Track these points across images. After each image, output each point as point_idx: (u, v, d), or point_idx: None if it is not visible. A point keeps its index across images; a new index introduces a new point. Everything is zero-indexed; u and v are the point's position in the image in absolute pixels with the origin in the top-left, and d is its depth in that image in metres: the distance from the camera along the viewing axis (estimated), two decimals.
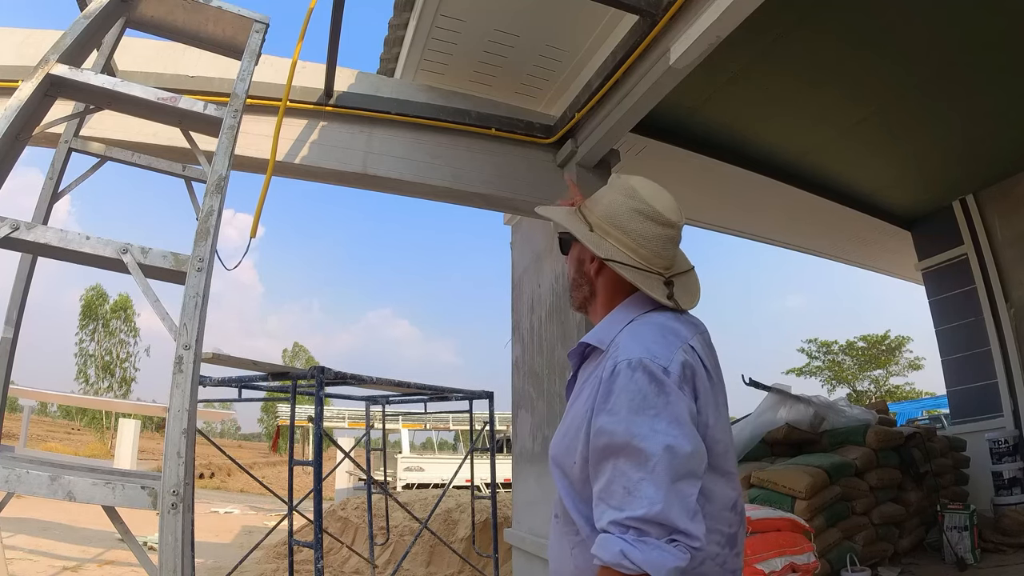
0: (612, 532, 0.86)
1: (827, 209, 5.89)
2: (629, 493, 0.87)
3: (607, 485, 0.90)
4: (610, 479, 0.90)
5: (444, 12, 3.55)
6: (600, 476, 0.92)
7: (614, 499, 0.88)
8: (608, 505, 0.89)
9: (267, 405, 36.22)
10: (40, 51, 1.74)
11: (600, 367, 1.02)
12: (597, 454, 0.93)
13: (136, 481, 1.33)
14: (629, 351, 0.96)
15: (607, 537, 0.87)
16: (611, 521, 0.87)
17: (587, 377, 1.07)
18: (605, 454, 0.91)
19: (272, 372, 4.71)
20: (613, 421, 0.91)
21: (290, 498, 4.96)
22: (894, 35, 3.73)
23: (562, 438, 1.06)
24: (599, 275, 1.17)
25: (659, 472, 0.86)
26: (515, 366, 4.83)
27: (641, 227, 1.10)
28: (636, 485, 0.87)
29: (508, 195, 3.90)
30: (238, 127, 1.81)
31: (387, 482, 9.70)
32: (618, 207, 1.13)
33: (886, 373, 25.83)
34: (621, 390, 0.92)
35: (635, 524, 0.85)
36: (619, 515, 0.86)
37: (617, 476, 0.89)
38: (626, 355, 0.95)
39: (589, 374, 1.07)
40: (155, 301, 1.46)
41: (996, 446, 5.15)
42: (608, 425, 0.92)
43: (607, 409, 0.93)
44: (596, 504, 0.92)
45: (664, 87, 3.17)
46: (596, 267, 1.17)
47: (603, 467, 0.92)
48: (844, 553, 3.68)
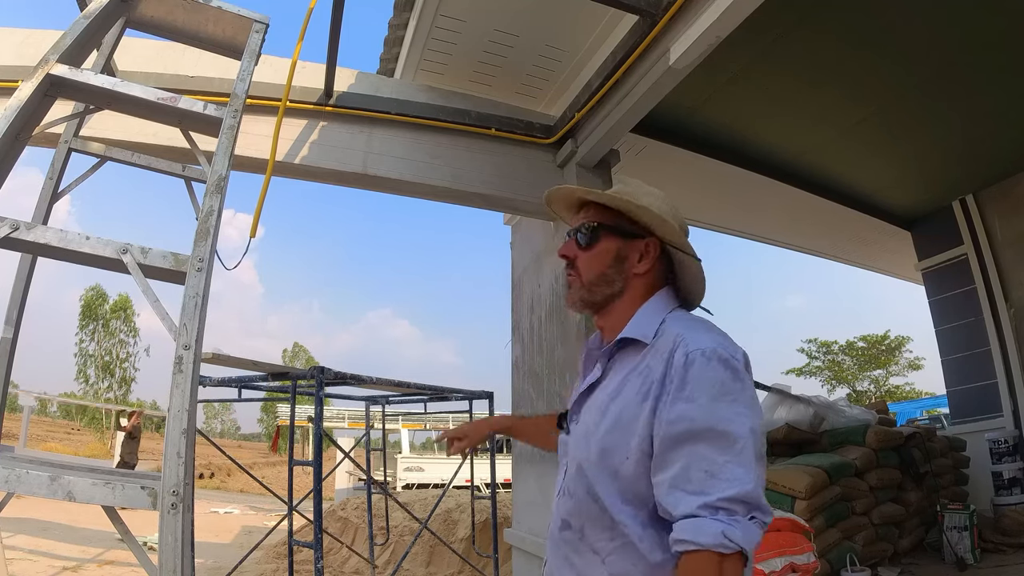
0: (703, 515, 0.86)
1: (827, 209, 5.89)
2: (713, 476, 0.88)
3: (683, 471, 0.90)
4: (686, 465, 0.90)
5: (444, 12, 3.55)
6: (673, 463, 0.91)
7: (692, 484, 0.89)
8: (685, 491, 0.89)
9: (267, 405, 36.22)
10: (40, 51, 1.74)
11: (649, 358, 1.01)
12: (671, 441, 0.92)
13: (136, 481, 1.33)
14: (699, 341, 0.96)
15: (701, 521, 0.86)
16: (701, 505, 0.87)
17: (629, 369, 1.03)
18: (681, 440, 0.91)
19: (272, 372, 4.70)
20: (693, 408, 0.91)
21: (290, 498, 4.96)
22: (894, 35, 3.73)
23: (606, 434, 1.00)
24: (645, 274, 1.12)
25: (746, 453, 0.89)
26: (515, 366, 4.83)
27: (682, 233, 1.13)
28: (721, 468, 0.88)
29: (508, 195, 3.90)
30: (238, 127, 1.81)
31: (387, 482, 9.70)
32: (667, 209, 1.13)
33: (886, 373, 25.84)
34: (698, 378, 0.93)
35: (725, 504, 0.86)
36: (708, 498, 0.87)
37: (696, 461, 0.89)
38: (697, 345, 0.95)
39: (632, 366, 1.03)
40: (155, 301, 1.46)
41: (996, 446, 5.15)
42: (688, 412, 0.92)
43: (684, 396, 0.93)
44: (668, 492, 0.91)
45: (664, 87, 3.17)
46: (645, 267, 1.12)
47: (677, 454, 0.91)
48: (844, 553, 3.68)
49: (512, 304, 5.03)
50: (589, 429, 1.04)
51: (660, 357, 0.99)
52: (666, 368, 0.96)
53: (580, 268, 1.14)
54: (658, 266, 1.13)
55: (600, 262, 1.12)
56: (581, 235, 1.14)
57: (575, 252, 1.15)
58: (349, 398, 7.21)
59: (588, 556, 1.00)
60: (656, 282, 1.13)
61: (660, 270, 1.14)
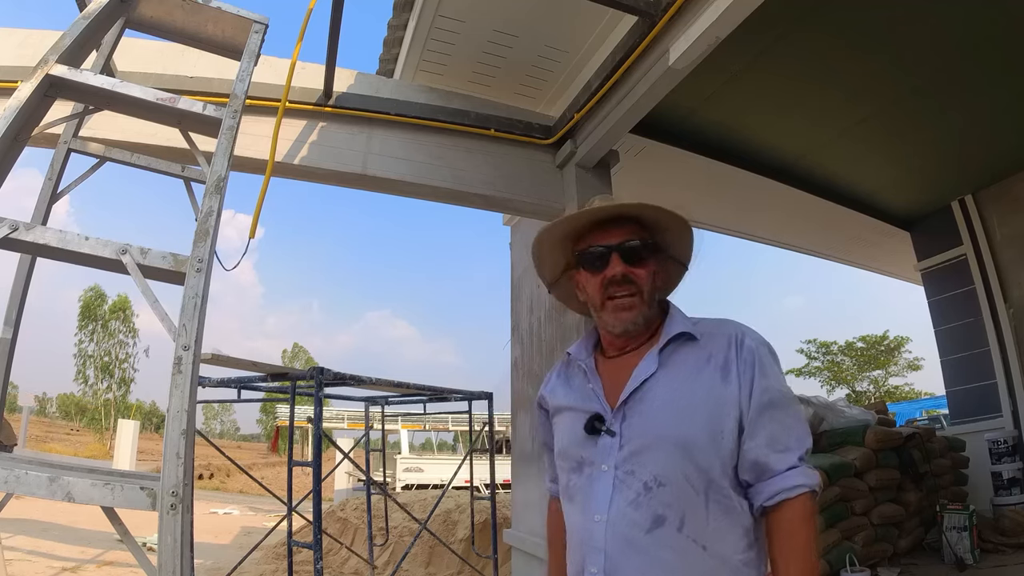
0: (801, 465, 1.07)
1: (826, 209, 5.89)
2: (794, 436, 1.09)
3: (775, 434, 1.08)
4: (776, 429, 1.08)
5: (443, 13, 3.55)
6: (764, 428, 1.08)
7: (782, 443, 1.08)
8: (777, 450, 1.07)
9: (266, 406, 36.23)
10: (39, 52, 1.74)
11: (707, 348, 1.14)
12: (760, 409, 1.08)
13: (135, 482, 1.33)
14: (753, 334, 1.16)
15: (802, 469, 1.07)
16: (799, 457, 1.08)
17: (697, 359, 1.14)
18: (767, 408, 1.09)
19: (271, 373, 4.70)
20: (772, 382, 1.11)
21: (289, 499, 4.96)
22: (894, 35, 3.74)
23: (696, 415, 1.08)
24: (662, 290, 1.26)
25: (802, 415, 1.15)
26: (514, 367, 4.83)
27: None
28: (796, 428, 1.10)
29: (507, 196, 3.90)
30: (237, 128, 1.81)
31: (386, 483, 9.69)
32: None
33: (885, 373, 25.84)
34: (766, 360, 1.12)
35: (806, 456, 1.09)
36: (799, 451, 1.08)
37: (781, 426, 1.09)
38: (755, 336, 1.15)
39: (698, 356, 1.14)
40: (154, 302, 1.46)
41: (995, 446, 5.15)
42: (772, 385, 1.10)
43: (764, 373, 1.11)
44: (766, 453, 1.07)
45: (663, 88, 3.17)
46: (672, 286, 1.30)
47: (768, 420, 1.08)
48: (843, 553, 3.68)
49: (511, 305, 5.03)
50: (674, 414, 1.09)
51: (724, 345, 1.13)
52: (737, 354, 1.12)
53: (642, 286, 1.16)
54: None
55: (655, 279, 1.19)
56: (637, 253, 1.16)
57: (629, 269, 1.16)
58: (348, 399, 7.21)
59: (687, 548, 1.03)
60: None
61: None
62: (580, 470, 1.14)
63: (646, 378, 1.11)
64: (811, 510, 1.06)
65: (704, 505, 1.04)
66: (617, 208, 1.17)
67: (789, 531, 1.04)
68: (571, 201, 3.92)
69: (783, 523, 1.05)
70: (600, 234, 1.18)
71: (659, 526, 1.02)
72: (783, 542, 1.04)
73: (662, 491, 1.03)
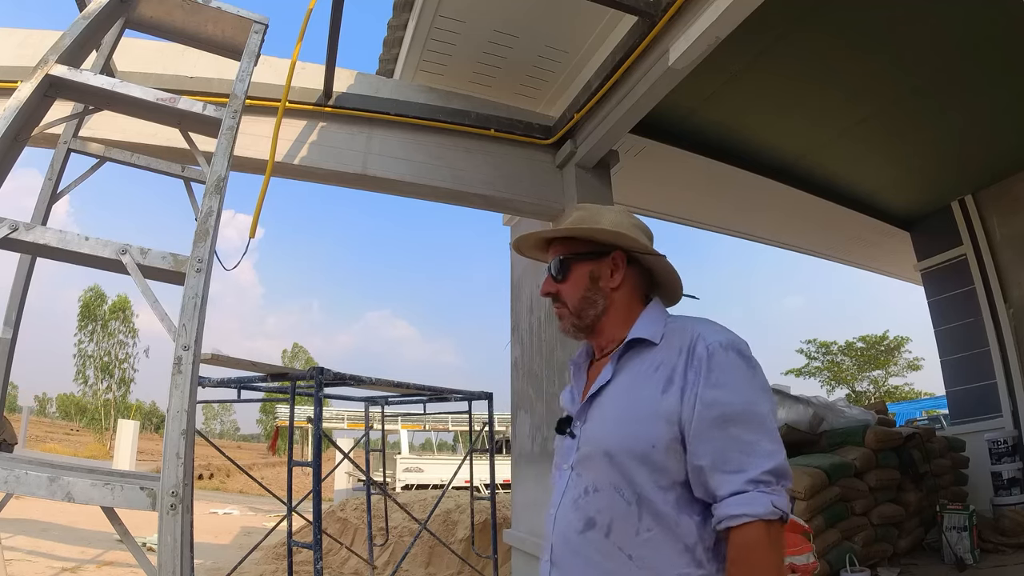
0: (749, 490, 0.95)
1: (826, 209, 5.89)
2: (748, 454, 0.97)
3: (722, 454, 0.98)
4: (723, 447, 0.98)
5: (443, 13, 3.55)
6: (710, 446, 0.99)
7: (732, 464, 0.97)
8: (726, 471, 0.97)
9: (266, 406, 36.23)
10: (39, 52, 1.74)
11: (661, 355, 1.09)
12: (706, 425, 0.99)
13: (135, 482, 1.33)
14: (715, 335, 1.06)
15: (750, 495, 0.95)
16: (747, 480, 0.95)
17: (644, 366, 1.10)
18: (716, 424, 0.99)
19: (271, 373, 4.70)
20: (724, 393, 1.00)
21: (289, 499, 4.96)
22: (894, 35, 3.74)
23: (629, 426, 1.05)
24: (620, 288, 1.21)
25: (771, 429, 1.00)
26: (514, 367, 4.82)
27: (644, 238, 1.22)
28: (753, 446, 0.98)
29: (507, 196, 3.90)
30: (237, 128, 1.80)
31: (386, 483, 9.69)
32: (624, 221, 1.23)
33: (885, 374, 25.83)
34: (722, 367, 1.02)
35: (764, 477, 0.96)
36: (750, 474, 0.96)
37: (731, 443, 0.98)
38: (714, 338, 1.05)
39: (647, 363, 1.10)
40: (154, 302, 1.46)
41: (995, 446, 5.15)
42: (721, 397, 1.00)
43: (712, 383, 1.01)
44: (710, 474, 0.98)
45: (663, 88, 3.17)
46: (618, 279, 1.20)
47: (713, 437, 0.99)
48: (843, 553, 3.68)
49: (511, 305, 5.02)
50: (611, 425, 1.09)
51: (676, 352, 1.07)
52: (687, 360, 1.05)
53: (564, 299, 1.23)
54: (632, 275, 1.22)
55: (579, 287, 1.21)
56: (555, 270, 1.24)
57: (555, 287, 1.24)
58: (348, 399, 7.21)
59: (612, 554, 1.02)
60: (635, 291, 1.23)
61: (636, 278, 1.23)
62: (556, 467, 1.21)
63: (603, 384, 1.15)
64: (760, 541, 0.94)
65: (636, 516, 1.02)
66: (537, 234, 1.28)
67: (733, 560, 0.97)
68: (571, 201, 3.92)
69: (730, 551, 0.97)
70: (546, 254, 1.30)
71: (590, 529, 1.06)
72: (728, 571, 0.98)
73: (596, 496, 1.06)
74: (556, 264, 1.24)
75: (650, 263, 1.22)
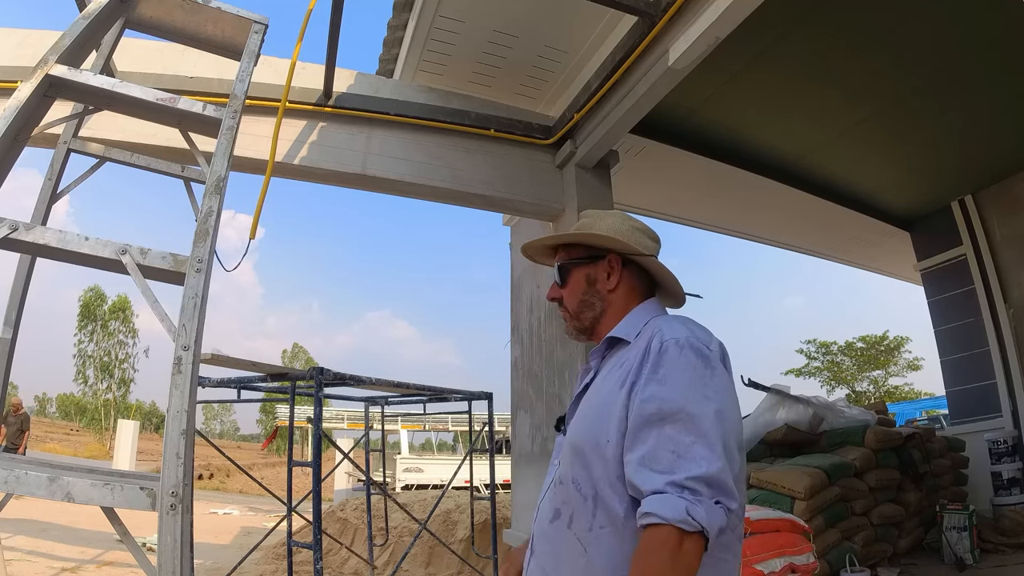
0: (669, 492, 0.88)
1: (826, 210, 5.89)
2: (679, 456, 0.91)
3: (652, 451, 0.93)
4: (655, 445, 0.93)
5: (443, 13, 3.55)
6: (643, 443, 0.95)
7: (661, 463, 0.92)
8: (653, 470, 0.92)
9: (266, 406, 36.21)
10: (39, 52, 1.74)
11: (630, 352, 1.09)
12: (642, 421, 0.96)
13: (135, 482, 1.33)
14: (674, 332, 1.04)
15: (666, 497, 0.88)
16: (668, 482, 0.89)
17: (612, 366, 1.13)
18: (652, 420, 0.95)
19: (271, 373, 4.70)
20: (664, 389, 0.97)
21: (289, 499, 4.95)
22: (894, 35, 3.74)
23: (590, 421, 1.08)
24: (616, 290, 1.24)
25: (711, 435, 0.92)
26: (514, 367, 4.82)
27: (645, 241, 1.25)
28: (687, 448, 0.91)
29: (507, 196, 3.90)
30: (237, 128, 1.80)
31: (386, 483, 9.69)
32: (620, 225, 1.26)
33: (885, 374, 25.83)
34: (671, 363, 0.99)
35: (691, 484, 0.88)
36: (675, 476, 0.89)
37: (664, 441, 0.93)
38: (672, 335, 1.03)
39: (614, 363, 1.13)
40: (154, 302, 1.46)
41: (995, 446, 5.15)
42: (659, 392, 0.97)
43: (657, 379, 0.98)
44: (637, 471, 0.94)
45: (663, 88, 3.17)
46: (614, 282, 1.23)
47: (647, 433, 0.95)
48: (843, 553, 3.68)
49: (511, 305, 5.02)
50: (579, 420, 1.13)
51: (638, 349, 1.07)
52: (643, 356, 1.03)
53: (566, 303, 1.28)
54: (630, 277, 1.24)
55: (577, 291, 1.26)
56: (557, 276, 1.30)
57: (559, 292, 1.29)
58: (348, 399, 7.20)
59: (572, 544, 1.04)
60: (633, 292, 1.25)
61: (634, 280, 1.25)
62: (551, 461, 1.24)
63: (587, 383, 1.19)
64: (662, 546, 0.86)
65: (591, 512, 1.01)
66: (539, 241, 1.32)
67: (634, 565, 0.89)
68: (571, 201, 3.92)
69: (634, 554, 0.90)
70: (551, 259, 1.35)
71: (556, 519, 1.08)
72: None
73: (561, 488, 1.09)
74: (557, 270, 1.29)
75: (647, 265, 1.25)
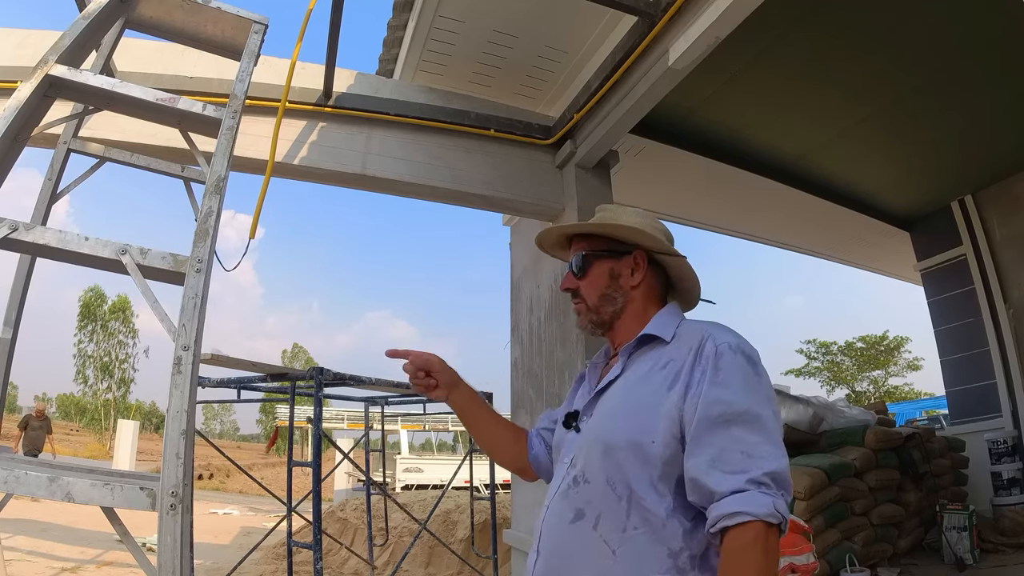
0: (751, 490, 0.92)
1: (826, 210, 5.89)
2: (750, 456, 0.94)
3: (721, 453, 0.95)
4: (724, 447, 0.95)
5: (443, 13, 3.55)
6: (710, 445, 0.97)
7: (732, 464, 0.94)
8: (725, 471, 0.94)
9: (266, 406, 36.21)
10: (39, 52, 1.74)
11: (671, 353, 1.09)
12: (708, 423, 0.98)
13: (135, 482, 1.33)
14: (725, 337, 1.06)
15: (750, 494, 0.91)
16: (748, 480, 0.92)
17: (652, 363, 1.11)
18: (718, 423, 0.97)
19: (271, 373, 4.70)
20: (728, 392, 0.99)
21: (289, 499, 4.96)
22: (894, 35, 3.74)
23: (627, 420, 1.06)
24: (638, 287, 1.22)
25: (774, 433, 0.98)
26: (514, 367, 4.82)
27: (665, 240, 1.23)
28: (755, 447, 0.95)
29: (507, 196, 3.90)
30: (237, 128, 1.80)
31: (386, 483, 9.69)
32: (646, 222, 1.24)
33: (885, 374, 25.84)
34: (729, 367, 1.01)
35: (765, 480, 0.93)
36: (751, 474, 0.93)
37: (732, 443, 0.95)
38: (724, 339, 1.05)
39: (655, 361, 1.11)
40: (154, 302, 1.45)
41: (995, 446, 5.15)
42: (724, 396, 0.99)
43: (718, 382, 1.00)
44: (708, 473, 0.95)
45: (663, 88, 3.17)
46: (638, 279, 1.21)
47: (714, 436, 0.97)
48: (843, 553, 3.68)
49: (511, 305, 5.02)
50: (611, 418, 1.10)
51: (685, 350, 1.07)
52: (695, 359, 1.04)
53: (583, 295, 1.24)
54: (651, 276, 1.23)
55: (598, 284, 1.22)
56: (576, 266, 1.25)
57: (575, 283, 1.25)
58: (348, 399, 7.21)
59: (596, 547, 1.02)
60: (652, 291, 1.23)
61: (655, 279, 1.24)
62: (558, 460, 1.20)
63: (611, 379, 1.16)
64: (755, 542, 0.90)
65: (625, 513, 1.01)
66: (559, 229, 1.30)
67: (728, 564, 0.92)
68: (571, 201, 3.92)
69: (724, 554, 0.93)
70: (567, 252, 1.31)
71: (579, 519, 1.05)
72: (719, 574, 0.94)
73: (586, 488, 1.06)
74: (578, 260, 1.24)
75: (668, 264, 1.23)
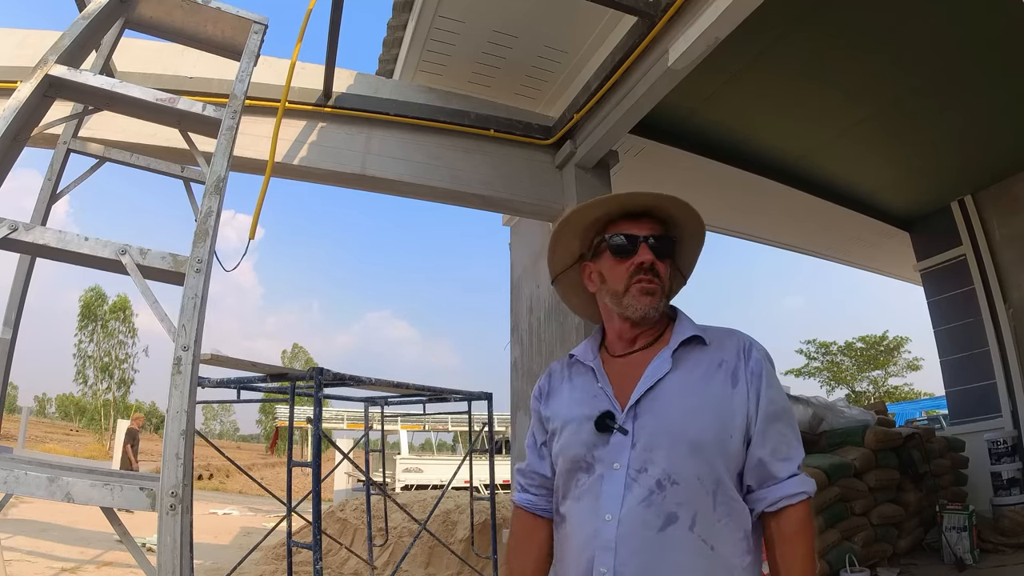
0: (800, 473, 1.12)
1: (826, 210, 5.89)
2: (791, 446, 1.14)
3: (777, 444, 1.12)
4: (778, 439, 1.12)
5: (443, 13, 3.55)
6: (771, 438, 1.12)
7: (783, 453, 1.12)
8: (781, 459, 1.11)
9: (266, 407, 36.20)
10: (39, 52, 1.74)
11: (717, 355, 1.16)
12: (769, 419, 1.12)
13: (135, 482, 1.33)
14: (756, 344, 1.20)
15: (801, 477, 1.11)
16: (798, 465, 1.13)
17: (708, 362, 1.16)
18: (773, 419, 1.13)
19: (271, 373, 4.69)
20: (776, 392, 1.15)
21: (289, 499, 4.95)
22: (894, 36, 3.74)
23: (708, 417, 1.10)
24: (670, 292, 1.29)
25: (797, 426, 1.19)
26: (514, 367, 4.82)
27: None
28: (795, 438, 1.15)
29: (506, 196, 3.90)
30: (237, 128, 1.80)
31: (386, 483, 9.69)
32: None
33: (885, 374, 25.86)
34: (771, 371, 1.17)
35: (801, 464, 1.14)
36: (797, 460, 1.13)
37: (781, 435, 1.13)
38: (758, 347, 1.19)
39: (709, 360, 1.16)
40: (154, 302, 1.45)
41: (995, 446, 5.15)
42: (776, 396, 1.15)
43: (771, 385, 1.15)
44: (771, 461, 1.11)
45: (663, 88, 3.17)
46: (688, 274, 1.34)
47: (772, 429, 1.12)
48: (843, 554, 3.68)
49: (511, 305, 5.03)
50: (692, 416, 1.10)
51: (734, 353, 1.16)
52: (744, 361, 1.15)
53: (664, 277, 1.20)
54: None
55: (666, 273, 1.22)
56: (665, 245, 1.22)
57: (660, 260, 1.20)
58: (348, 399, 7.20)
59: (695, 547, 1.03)
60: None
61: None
62: (590, 470, 1.11)
63: (660, 377, 1.13)
64: (810, 516, 1.11)
65: (712, 506, 1.06)
66: (655, 198, 1.21)
67: (791, 537, 1.08)
68: (571, 201, 3.92)
69: (785, 529, 1.09)
70: (630, 223, 1.22)
71: (671, 524, 1.03)
72: (785, 548, 1.08)
73: (675, 489, 1.04)
74: (667, 241, 1.22)
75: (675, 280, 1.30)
